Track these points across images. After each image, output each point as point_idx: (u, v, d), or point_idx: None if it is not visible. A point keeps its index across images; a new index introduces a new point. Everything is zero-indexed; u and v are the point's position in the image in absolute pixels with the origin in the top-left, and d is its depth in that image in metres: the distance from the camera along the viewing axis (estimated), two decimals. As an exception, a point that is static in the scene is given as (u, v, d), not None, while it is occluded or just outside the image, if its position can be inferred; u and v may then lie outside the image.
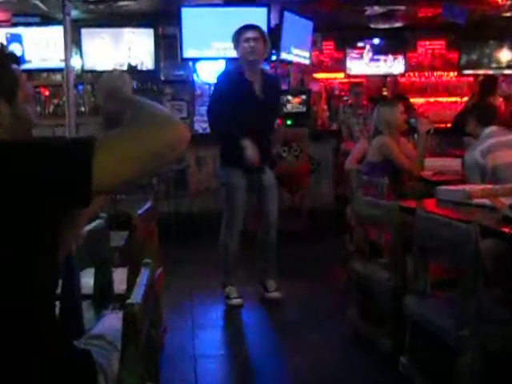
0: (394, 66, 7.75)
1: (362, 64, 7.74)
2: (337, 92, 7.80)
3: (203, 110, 7.02)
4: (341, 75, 7.79)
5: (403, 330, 2.70)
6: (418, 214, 2.63)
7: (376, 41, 7.67)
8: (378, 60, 7.74)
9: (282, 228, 4.24)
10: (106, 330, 1.60)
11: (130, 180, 1.17)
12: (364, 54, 7.72)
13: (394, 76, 7.77)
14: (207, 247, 4.35)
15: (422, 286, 2.61)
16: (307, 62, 6.88)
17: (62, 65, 4.03)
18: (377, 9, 6.44)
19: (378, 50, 7.72)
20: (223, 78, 3.99)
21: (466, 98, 7.40)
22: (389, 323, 3.00)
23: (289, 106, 6.32)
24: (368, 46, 7.70)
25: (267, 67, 5.94)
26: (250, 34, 3.81)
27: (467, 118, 3.90)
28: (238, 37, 3.84)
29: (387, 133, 4.09)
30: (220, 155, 4.02)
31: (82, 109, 6.75)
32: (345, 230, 4.71)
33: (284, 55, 6.32)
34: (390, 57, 7.70)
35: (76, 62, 6.38)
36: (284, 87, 6.38)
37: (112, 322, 1.66)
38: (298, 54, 6.62)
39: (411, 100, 6.85)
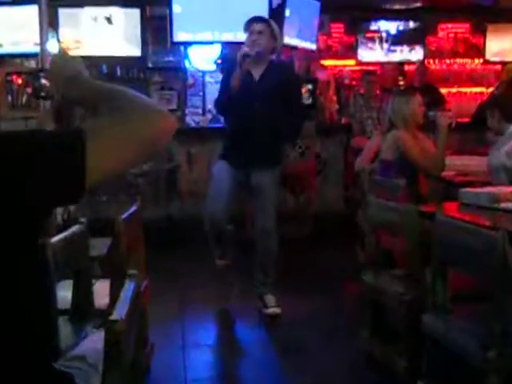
0: (411, 52, 7.76)
1: (376, 50, 7.75)
2: (347, 81, 7.79)
3: (196, 100, 7.06)
4: (351, 62, 7.80)
5: (420, 349, 2.70)
6: (438, 220, 2.63)
7: (392, 24, 7.67)
8: (394, 51, 7.73)
9: (283, 235, 4.24)
10: (87, 351, 1.60)
11: (114, 174, 1.21)
12: (377, 39, 7.73)
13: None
14: (200, 256, 4.35)
15: (442, 301, 2.62)
16: (313, 47, 6.89)
17: (36, 49, 4.04)
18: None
19: (393, 35, 7.72)
20: (225, 65, 4.13)
21: (492, 89, 7.41)
22: (404, 342, 3.00)
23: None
24: (383, 30, 7.71)
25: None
26: (255, 27, 4.06)
27: (491, 110, 3.92)
28: (246, 28, 4.12)
29: (402, 127, 4.09)
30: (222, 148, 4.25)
31: (59, 99, 6.74)
32: (355, 238, 4.72)
33: (287, 40, 6.33)
34: (408, 42, 7.70)
35: (52, 47, 6.38)
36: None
37: (94, 341, 1.66)
38: (303, 38, 6.63)
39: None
